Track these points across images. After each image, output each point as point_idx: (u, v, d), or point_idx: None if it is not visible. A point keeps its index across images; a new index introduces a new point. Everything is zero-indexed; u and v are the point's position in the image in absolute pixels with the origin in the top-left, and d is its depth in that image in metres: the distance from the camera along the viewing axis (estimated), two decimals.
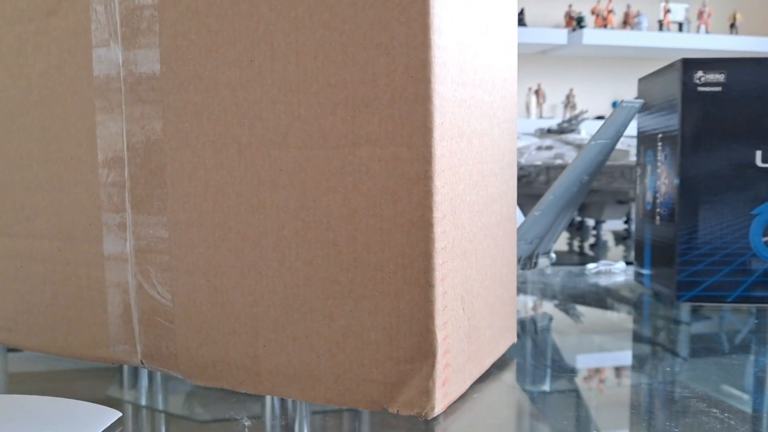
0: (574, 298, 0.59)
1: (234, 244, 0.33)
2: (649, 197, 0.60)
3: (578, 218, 1.21)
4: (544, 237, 0.57)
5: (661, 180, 0.57)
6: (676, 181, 0.53)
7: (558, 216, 0.56)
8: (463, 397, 0.33)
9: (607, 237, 1.24)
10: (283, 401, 0.33)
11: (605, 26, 2.49)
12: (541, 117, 2.43)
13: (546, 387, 0.36)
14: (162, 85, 0.33)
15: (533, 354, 0.42)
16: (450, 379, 0.31)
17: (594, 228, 1.19)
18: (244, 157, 0.32)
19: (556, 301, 0.58)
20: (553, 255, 0.60)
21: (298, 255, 0.31)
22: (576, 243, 1.14)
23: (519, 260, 0.57)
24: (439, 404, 0.30)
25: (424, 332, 0.29)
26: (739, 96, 0.51)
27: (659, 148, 0.57)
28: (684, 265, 0.53)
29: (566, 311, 0.54)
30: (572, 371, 0.38)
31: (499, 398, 0.34)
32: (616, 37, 2.41)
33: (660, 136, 0.57)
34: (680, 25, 2.61)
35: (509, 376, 0.37)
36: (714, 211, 0.52)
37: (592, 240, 1.17)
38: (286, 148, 0.31)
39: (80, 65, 0.36)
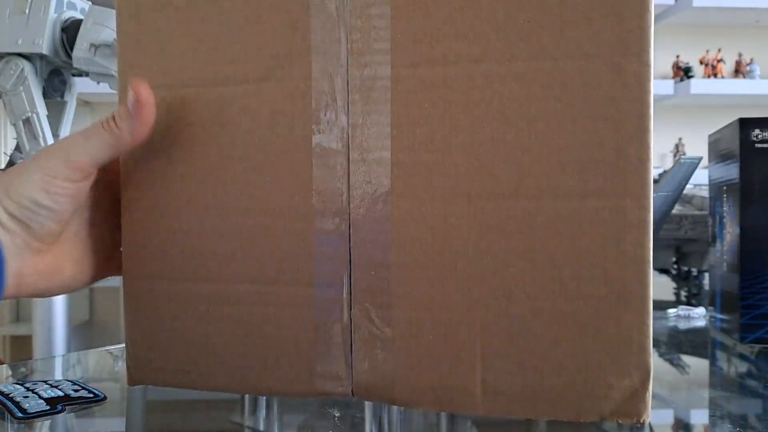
0: None
1: (460, 282, 0.38)
2: (718, 245, 0.68)
3: (684, 268, 1.17)
4: None
5: (727, 228, 0.65)
6: (737, 230, 0.62)
7: None
8: None
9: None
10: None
11: (714, 75, 2.53)
12: None
13: None
14: (392, 146, 0.38)
15: None
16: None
17: (695, 278, 1.15)
18: (472, 208, 0.37)
19: None
20: None
21: (523, 290, 0.37)
22: (683, 293, 1.15)
23: None
24: (649, 411, 0.36)
25: (641, 352, 0.36)
26: None
27: (724, 198, 0.65)
28: (747, 309, 0.61)
29: None
30: None
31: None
32: (725, 86, 2.47)
33: (725, 188, 0.65)
34: None
35: None
36: None
37: (694, 289, 1.13)
38: (516, 199, 0.37)
39: (295, 126, 0.40)
